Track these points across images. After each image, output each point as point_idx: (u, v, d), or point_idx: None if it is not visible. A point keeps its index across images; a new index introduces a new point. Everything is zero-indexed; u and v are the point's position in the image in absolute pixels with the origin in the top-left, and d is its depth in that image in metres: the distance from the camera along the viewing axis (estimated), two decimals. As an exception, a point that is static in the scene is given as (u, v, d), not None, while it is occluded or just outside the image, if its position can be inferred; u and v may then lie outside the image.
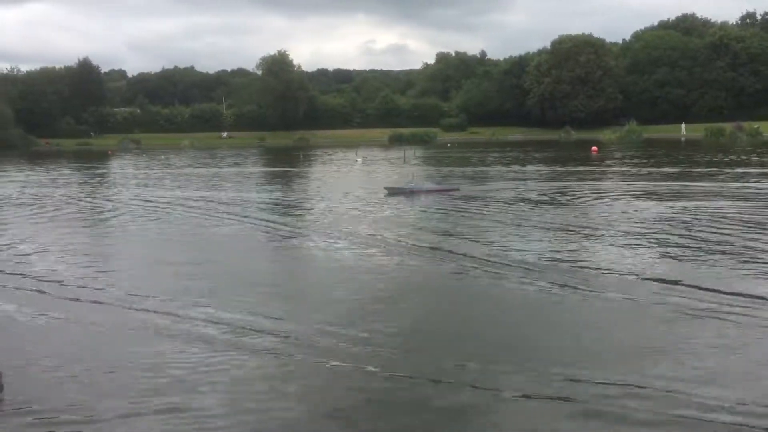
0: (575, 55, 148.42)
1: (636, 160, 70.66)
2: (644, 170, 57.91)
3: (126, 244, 28.05)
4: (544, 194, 41.32)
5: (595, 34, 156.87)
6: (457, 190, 43.32)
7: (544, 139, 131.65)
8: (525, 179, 51.95)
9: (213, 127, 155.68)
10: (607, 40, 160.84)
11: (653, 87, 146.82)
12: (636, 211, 32.90)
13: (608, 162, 70.49)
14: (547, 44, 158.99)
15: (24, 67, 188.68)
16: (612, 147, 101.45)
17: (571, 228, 28.50)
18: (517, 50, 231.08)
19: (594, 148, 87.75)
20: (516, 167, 65.36)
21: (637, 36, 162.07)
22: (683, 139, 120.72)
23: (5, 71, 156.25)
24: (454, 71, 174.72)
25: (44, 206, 40.11)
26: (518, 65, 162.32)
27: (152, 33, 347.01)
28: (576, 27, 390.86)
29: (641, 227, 28.08)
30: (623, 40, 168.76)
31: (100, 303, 17.94)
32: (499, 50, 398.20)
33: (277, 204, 40.30)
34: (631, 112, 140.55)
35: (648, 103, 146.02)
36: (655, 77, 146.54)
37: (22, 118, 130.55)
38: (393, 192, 42.40)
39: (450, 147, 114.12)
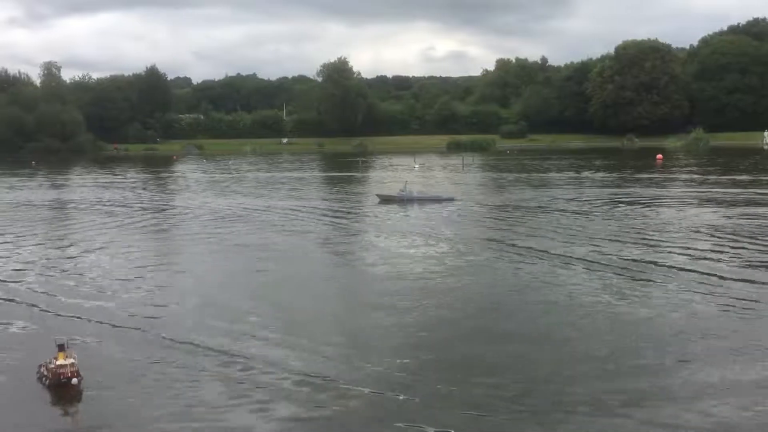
0: (640, 61, 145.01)
1: (703, 168, 68.58)
2: (713, 178, 56.16)
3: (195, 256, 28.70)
4: (620, 202, 40.50)
5: (661, 40, 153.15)
6: (453, 200, 41.73)
7: (606, 146, 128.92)
8: (594, 186, 51.05)
9: (274, 132, 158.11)
10: (674, 45, 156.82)
11: (721, 93, 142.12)
12: (705, 221, 31.96)
13: (675, 170, 68.62)
14: (611, 50, 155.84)
15: (95, 75, 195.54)
16: (678, 155, 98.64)
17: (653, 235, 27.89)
18: (579, 56, 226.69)
19: (659, 156, 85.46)
20: (579, 174, 64.27)
21: (705, 41, 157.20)
22: (766, 147, 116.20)
23: (77, 78, 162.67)
24: (514, 78, 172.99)
25: (113, 213, 41.39)
26: (580, 71, 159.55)
27: (217, 41, 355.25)
28: (641, 32, 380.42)
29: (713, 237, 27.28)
30: (690, 45, 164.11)
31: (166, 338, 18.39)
32: (560, 56, 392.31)
33: (348, 212, 40.63)
34: (698, 119, 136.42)
35: (716, 110, 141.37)
36: (723, 83, 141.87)
37: (92, 124, 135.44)
38: (385, 199, 41.63)
39: (509, 154, 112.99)
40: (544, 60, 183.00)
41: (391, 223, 33.39)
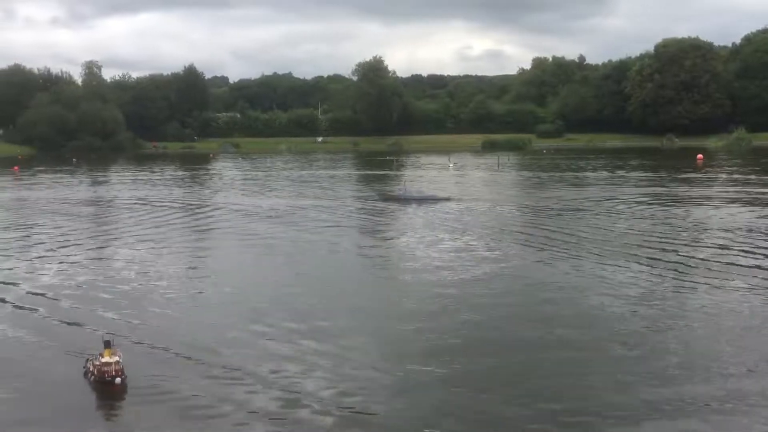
0: (680, 60, 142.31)
1: (746, 168, 67.04)
2: (755, 178, 54.82)
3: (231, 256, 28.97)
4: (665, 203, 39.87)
5: (702, 38, 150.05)
6: (448, 199, 42.30)
7: (644, 146, 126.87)
8: (632, 186, 50.27)
9: (309, 131, 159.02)
10: (716, 43, 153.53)
11: (765, 92, 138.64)
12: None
13: (716, 170, 67.19)
14: (651, 48, 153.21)
15: (135, 74, 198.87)
16: (719, 155, 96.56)
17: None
18: (617, 55, 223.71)
19: (699, 156, 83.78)
20: (616, 174, 63.33)
21: (748, 39, 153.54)
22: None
23: (118, 78, 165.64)
24: (550, 76, 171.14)
25: (152, 211, 42.02)
26: (619, 70, 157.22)
27: (253, 41, 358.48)
28: (682, 30, 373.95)
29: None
30: (733, 43, 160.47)
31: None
32: (598, 55, 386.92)
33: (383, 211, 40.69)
34: (740, 118, 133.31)
35: (758, 109, 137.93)
36: (766, 82, 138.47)
37: (132, 122, 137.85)
38: (386, 198, 43.38)
39: (545, 153, 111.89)
40: (581, 58, 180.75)
41: (422, 222, 33.32)
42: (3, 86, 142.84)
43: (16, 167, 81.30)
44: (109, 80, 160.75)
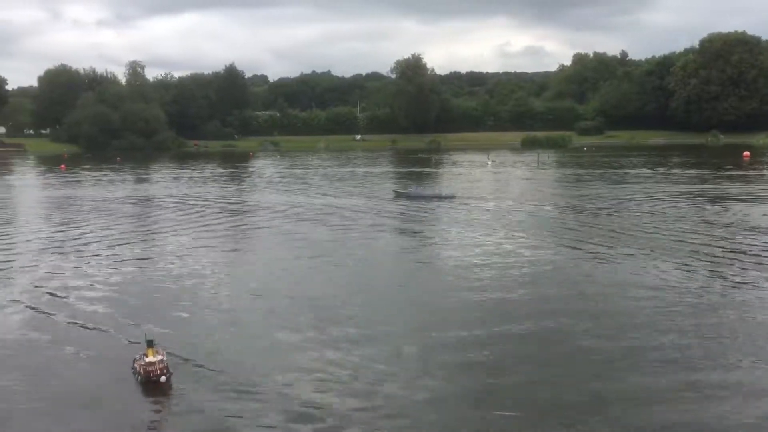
0: (726, 54, 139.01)
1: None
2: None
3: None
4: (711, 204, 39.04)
5: (749, 32, 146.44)
6: (454, 197, 43.14)
7: (688, 143, 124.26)
8: (676, 184, 49.28)
9: (347, 129, 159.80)
10: (763, 38, 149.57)
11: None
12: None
13: (763, 168, 65.43)
14: (695, 43, 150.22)
15: (177, 74, 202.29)
16: (767, 153, 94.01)
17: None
18: (661, 50, 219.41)
19: (746, 153, 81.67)
20: (659, 172, 62.16)
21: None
22: None
23: (160, 77, 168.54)
24: (591, 73, 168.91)
25: (196, 210, 42.61)
26: (662, 66, 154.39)
27: (293, 40, 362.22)
28: (728, 25, 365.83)
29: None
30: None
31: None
32: (641, 50, 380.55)
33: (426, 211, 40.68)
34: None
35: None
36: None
37: (174, 121, 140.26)
38: (399, 195, 44.96)
39: (586, 151, 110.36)
40: (623, 54, 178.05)
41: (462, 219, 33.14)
42: (50, 86, 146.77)
43: (62, 166, 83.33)
44: (151, 80, 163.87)
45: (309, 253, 25.44)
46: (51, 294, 19.60)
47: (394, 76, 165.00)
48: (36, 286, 20.50)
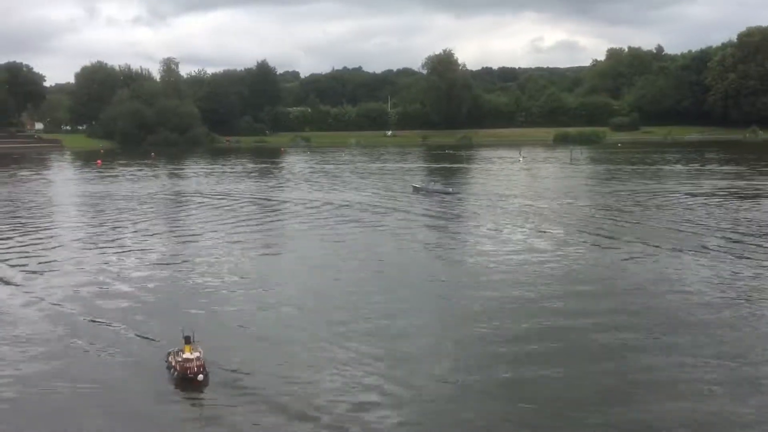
0: (766, 48, 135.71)
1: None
2: None
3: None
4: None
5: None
6: (458, 193, 45.30)
7: (725, 139, 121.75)
8: (714, 179, 48.39)
9: (378, 125, 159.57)
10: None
11: None
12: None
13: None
14: (733, 37, 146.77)
15: (210, 70, 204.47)
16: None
17: None
18: (698, 44, 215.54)
19: (786, 149, 79.80)
20: (697, 168, 61.04)
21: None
22: None
23: (194, 74, 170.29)
24: (626, 68, 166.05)
25: (227, 205, 43.00)
26: (699, 60, 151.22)
27: (324, 36, 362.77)
28: (767, 18, 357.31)
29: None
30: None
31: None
32: (677, 44, 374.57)
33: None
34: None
35: None
36: None
37: (207, 117, 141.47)
38: (416, 190, 46.31)
39: (620, 147, 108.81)
40: (659, 49, 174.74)
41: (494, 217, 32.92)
42: (86, 83, 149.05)
43: (98, 161, 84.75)
44: (185, 76, 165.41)
45: (340, 250, 25.50)
46: (85, 288, 19.94)
47: (425, 71, 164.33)
48: (70, 281, 20.88)
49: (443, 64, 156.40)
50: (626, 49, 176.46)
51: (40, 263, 23.87)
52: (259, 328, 16.24)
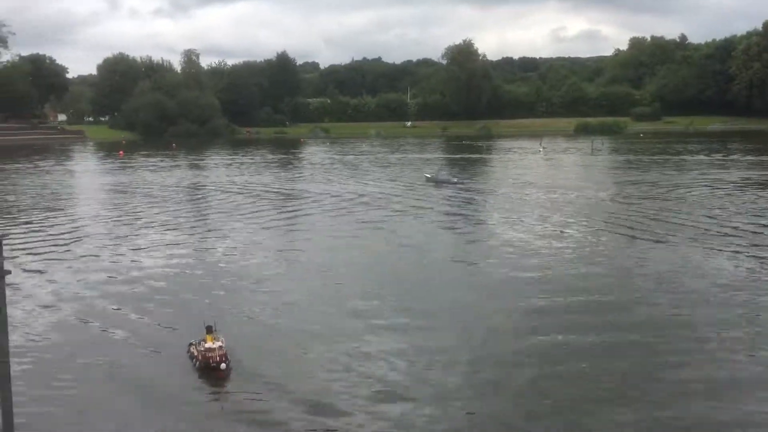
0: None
1: None
2: None
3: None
4: None
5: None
6: (463, 183, 45.78)
7: (750, 129, 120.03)
8: (738, 170, 47.80)
9: (398, 116, 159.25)
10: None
11: None
12: None
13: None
14: (758, 25, 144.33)
15: (230, 61, 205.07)
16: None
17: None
18: (722, 33, 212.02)
19: (811, 140, 78.50)
20: (717, 159, 60.30)
21: None
22: None
23: (214, 65, 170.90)
24: (648, 57, 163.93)
25: (247, 196, 43.23)
26: (723, 49, 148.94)
27: (344, 27, 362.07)
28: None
29: None
30: None
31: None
32: (701, 33, 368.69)
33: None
34: None
35: None
36: None
37: (227, 109, 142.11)
38: (429, 180, 46.88)
39: (642, 137, 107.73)
40: (682, 38, 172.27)
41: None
42: (108, 74, 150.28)
43: (120, 152, 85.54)
44: (206, 68, 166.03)
45: (361, 241, 25.57)
46: (104, 277, 20.19)
47: (444, 62, 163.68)
48: (90, 269, 21.14)
49: (463, 54, 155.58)
50: (649, 38, 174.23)
51: (61, 252, 24.21)
52: (279, 318, 16.35)
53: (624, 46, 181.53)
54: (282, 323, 15.92)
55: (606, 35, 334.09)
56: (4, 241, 3.74)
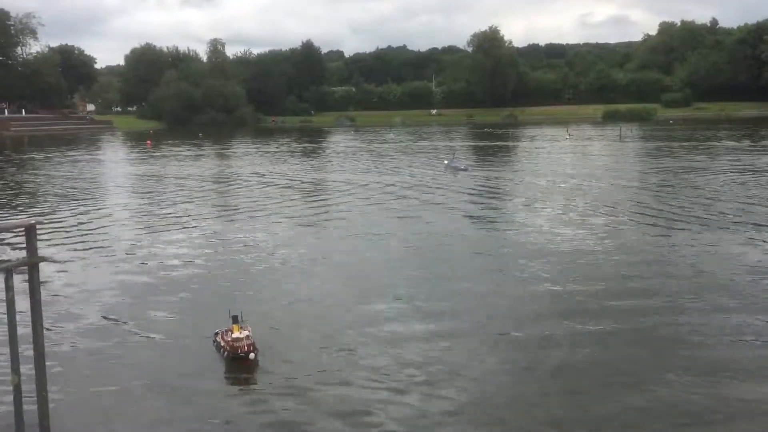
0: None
1: None
2: None
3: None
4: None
5: None
6: (467, 170, 45.76)
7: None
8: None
9: (423, 104, 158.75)
10: None
11: None
12: None
13: None
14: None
15: (255, 50, 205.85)
16: None
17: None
18: (754, 17, 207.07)
19: None
20: (750, 144, 59.13)
21: None
22: None
23: (240, 54, 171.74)
24: (678, 42, 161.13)
25: (272, 185, 43.41)
26: (755, 34, 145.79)
27: (370, 14, 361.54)
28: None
29: None
30: None
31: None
32: (733, 18, 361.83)
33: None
34: None
35: None
36: None
37: (252, 97, 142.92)
38: (447, 167, 47.02)
39: (672, 124, 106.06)
40: (714, 22, 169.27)
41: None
42: (136, 65, 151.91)
43: (148, 141, 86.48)
44: (231, 57, 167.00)
45: (388, 229, 25.51)
46: (128, 269, 20.33)
47: (470, 49, 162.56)
48: (119, 262, 21.33)
49: (489, 41, 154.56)
50: (679, 23, 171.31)
51: (89, 241, 24.46)
52: (306, 307, 16.34)
53: (653, 32, 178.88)
54: (308, 312, 15.91)
55: (635, 20, 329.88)
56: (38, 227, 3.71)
